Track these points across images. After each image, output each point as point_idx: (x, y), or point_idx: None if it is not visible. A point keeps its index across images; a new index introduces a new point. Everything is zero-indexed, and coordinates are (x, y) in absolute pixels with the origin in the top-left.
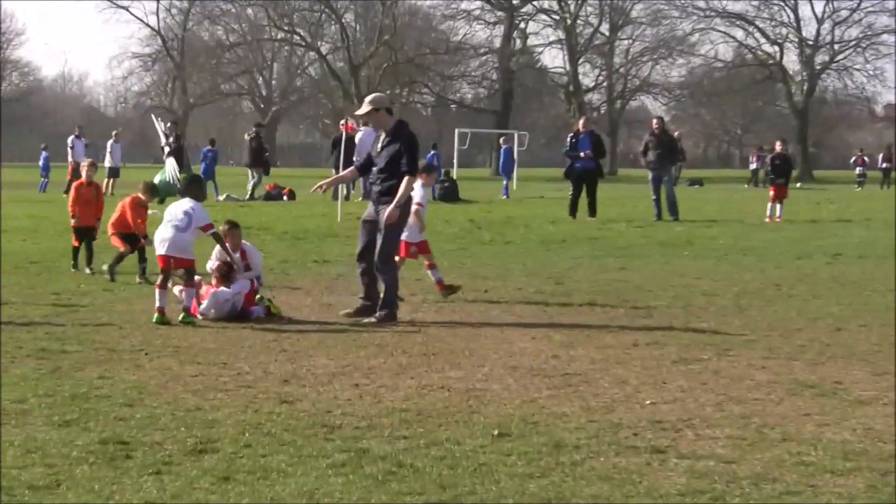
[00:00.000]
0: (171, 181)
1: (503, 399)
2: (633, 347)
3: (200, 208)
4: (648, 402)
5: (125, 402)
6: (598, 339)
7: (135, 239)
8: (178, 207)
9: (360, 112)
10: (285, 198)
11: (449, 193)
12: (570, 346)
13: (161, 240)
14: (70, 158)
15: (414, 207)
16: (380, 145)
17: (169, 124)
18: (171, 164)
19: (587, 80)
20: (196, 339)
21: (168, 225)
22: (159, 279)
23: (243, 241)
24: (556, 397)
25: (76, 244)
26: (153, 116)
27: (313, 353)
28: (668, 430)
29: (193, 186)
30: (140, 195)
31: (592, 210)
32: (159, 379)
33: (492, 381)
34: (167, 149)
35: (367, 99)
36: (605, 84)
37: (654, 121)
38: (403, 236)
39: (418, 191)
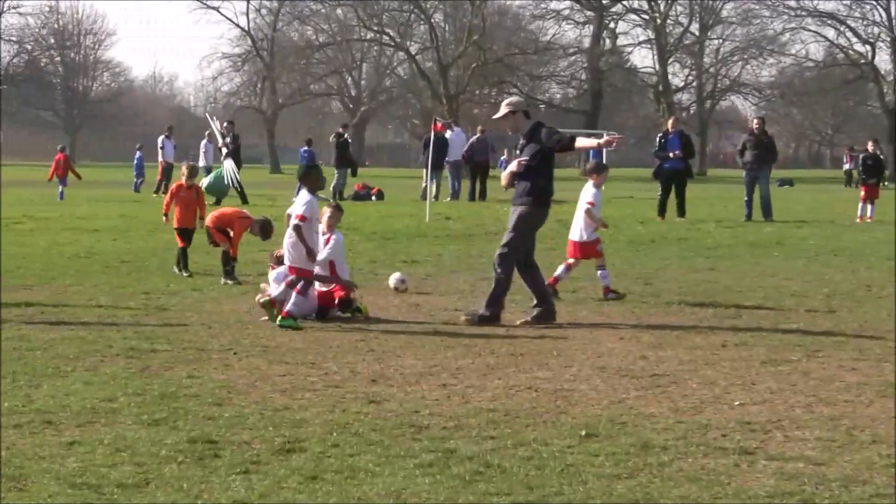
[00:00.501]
0: (230, 183)
1: (591, 399)
2: (721, 348)
3: (302, 200)
4: (737, 403)
5: (214, 401)
6: (687, 339)
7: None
8: (293, 209)
9: (497, 116)
10: (374, 198)
11: None
12: (658, 347)
13: (286, 249)
14: (160, 158)
15: (586, 206)
16: (518, 149)
17: (226, 124)
18: (229, 165)
19: (677, 80)
20: (284, 338)
21: (289, 231)
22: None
23: (335, 229)
24: (644, 398)
25: (182, 244)
26: (208, 116)
27: (401, 353)
28: (757, 431)
29: (309, 175)
30: (252, 226)
31: (681, 210)
32: (248, 378)
33: (580, 381)
34: (224, 150)
35: (505, 102)
36: (694, 84)
37: (755, 120)
38: (576, 237)
39: (590, 190)
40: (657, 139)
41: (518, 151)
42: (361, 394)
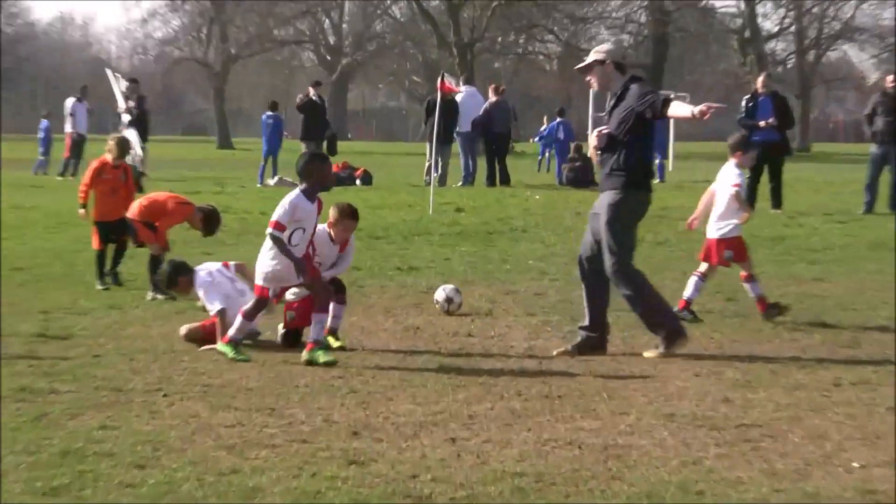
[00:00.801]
0: (131, 161)
1: (655, 459)
2: (833, 388)
3: (286, 199)
4: (856, 464)
5: (135, 461)
6: (786, 376)
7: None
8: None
9: (580, 66)
10: (358, 182)
11: (581, 176)
12: (747, 387)
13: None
14: (69, 128)
15: (732, 190)
16: (606, 111)
17: (128, 84)
18: (132, 138)
19: (769, 24)
20: (233, 375)
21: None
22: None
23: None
24: (729, 457)
25: (99, 247)
26: (109, 72)
27: (393, 395)
28: (884, 503)
29: (310, 168)
30: (192, 216)
31: (777, 199)
32: (182, 430)
33: (639, 434)
34: (127, 116)
35: (595, 49)
36: (792, 29)
37: (890, 77)
38: (717, 233)
39: (732, 170)
40: (743, 103)
41: (606, 115)
42: (338, 451)
